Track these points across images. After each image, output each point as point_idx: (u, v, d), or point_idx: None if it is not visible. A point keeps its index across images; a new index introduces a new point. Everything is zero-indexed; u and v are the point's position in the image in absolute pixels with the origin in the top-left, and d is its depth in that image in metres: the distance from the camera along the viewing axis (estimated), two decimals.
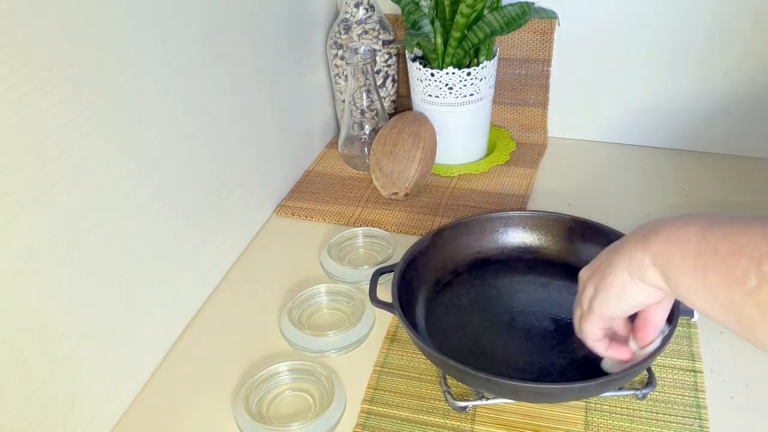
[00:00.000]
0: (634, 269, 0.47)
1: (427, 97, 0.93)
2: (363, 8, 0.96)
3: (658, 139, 1.00)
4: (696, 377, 0.64)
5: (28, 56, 0.49)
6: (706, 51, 0.91)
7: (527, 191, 0.93)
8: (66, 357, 0.56)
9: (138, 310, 0.65)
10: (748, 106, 0.93)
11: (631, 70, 0.96)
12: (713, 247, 0.40)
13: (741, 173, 0.94)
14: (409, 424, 0.62)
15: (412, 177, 0.88)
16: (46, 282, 0.53)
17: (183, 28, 0.67)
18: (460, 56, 0.89)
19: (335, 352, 0.69)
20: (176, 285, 0.72)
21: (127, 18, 0.59)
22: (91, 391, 0.60)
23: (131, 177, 0.62)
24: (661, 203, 0.89)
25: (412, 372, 0.67)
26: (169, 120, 0.67)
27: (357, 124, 0.97)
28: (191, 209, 0.73)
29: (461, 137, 0.97)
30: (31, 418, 0.53)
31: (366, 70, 0.92)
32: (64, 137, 0.53)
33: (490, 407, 0.62)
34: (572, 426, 0.60)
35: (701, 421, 0.60)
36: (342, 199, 0.93)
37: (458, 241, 0.76)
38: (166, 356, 0.70)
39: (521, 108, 1.03)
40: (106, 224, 0.59)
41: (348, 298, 0.75)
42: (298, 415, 0.63)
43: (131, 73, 0.60)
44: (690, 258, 0.42)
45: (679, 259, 0.43)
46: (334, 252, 0.81)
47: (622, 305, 0.50)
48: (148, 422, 0.64)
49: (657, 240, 0.45)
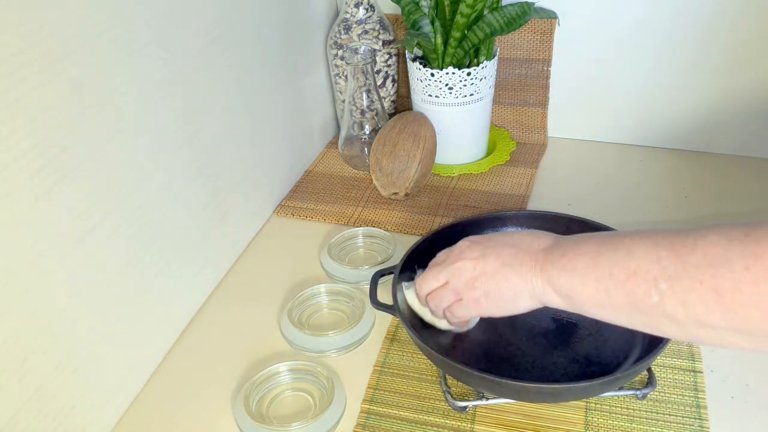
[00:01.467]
0: (536, 294, 0.54)
1: (427, 97, 0.93)
2: (363, 8, 0.96)
3: (658, 139, 1.00)
4: (696, 377, 0.64)
5: (29, 56, 0.49)
6: (706, 51, 0.91)
7: (527, 191, 0.93)
8: (66, 357, 0.56)
9: (138, 310, 0.65)
10: (748, 106, 0.93)
11: (631, 70, 0.96)
12: (608, 273, 0.48)
13: (741, 173, 0.94)
14: (409, 424, 0.62)
15: (412, 177, 0.88)
16: (46, 282, 0.53)
17: (183, 28, 0.67)
18: (460, 56, 0.89)
19: (335, 352, 0.69)
20: (176, 285, 0.72)
21: (126, 15, 0.59)
22: (91, 391, 0.60)
23: (131, 177, 0.62)
24: (661, 203, 0.89)
25: (412, 372, 0.67)
26: (169, 119, 0.67)
27: (357, 124, 0.97)
28: (191, 209, 0.73)
29: (461, 137, 0.96)
30: (31, 418, 0.53)
31: (366, 70, 0.92)
32: (63, 137, 0.53)
33: (490, 407, 0.62)
34: (572, 426, 0.60)
35: (701, 421, 0.60)
36: (342, 199, 0.93)
37: (457, 241, 0.76)
38: (166, 356, 0.70)
39: (521, 108, 1.03)
40: (106, 224, 0.59)
41: (348, 298, 0.75)
42: (298, 415, 0.63)
43: (131, 72, 0.60)
44: (590, 285, 0.49)
45: (580, 286, 0.50)
46: (334, 252, 0.81)
47: (512, 312, 0.57)
48: (148, 422, 0.64)
49: (554, 271, 0.52)
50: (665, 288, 0.44)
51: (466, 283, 0.58)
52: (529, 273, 0.54)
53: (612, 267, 0.48)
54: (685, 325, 0.44)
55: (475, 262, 0.58)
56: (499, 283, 0.56)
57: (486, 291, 0.57)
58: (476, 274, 0.57)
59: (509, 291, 0.55)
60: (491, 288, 0.56)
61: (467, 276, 0.58)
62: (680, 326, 0.45)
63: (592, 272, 0.49)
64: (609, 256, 0.48)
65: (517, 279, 0.55)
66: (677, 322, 0.45)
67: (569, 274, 0.51)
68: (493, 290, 0.56)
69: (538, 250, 0.55)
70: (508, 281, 0.55)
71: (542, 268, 0.53)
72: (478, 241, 0.60)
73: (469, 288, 0.58)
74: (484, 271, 0.57)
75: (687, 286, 0.43)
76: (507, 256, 0.56)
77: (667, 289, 0.44)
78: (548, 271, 0.53)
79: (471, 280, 0.58)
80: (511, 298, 0.56)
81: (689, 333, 0.45)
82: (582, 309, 0.52)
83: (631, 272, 0.46)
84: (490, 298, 0.57)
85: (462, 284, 0.58)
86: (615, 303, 0.48)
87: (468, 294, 0.58)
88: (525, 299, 0.55)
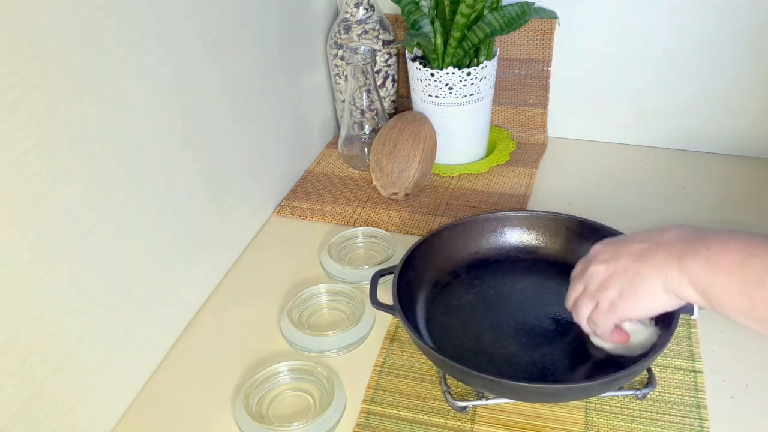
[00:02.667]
0: (670, 286, 0.50)
1: (427, 97, 0.93)
2: (363, 8, 0.96)
3: (658, 139, 1.00)
4: (696, 377, 0.64)
5: (28, 56, 0.49)
6: (707, 50, 0.91)
7: (527, 191, 0.93)
8: (66, 357, 0.56)
9: (138, 310, 0.65)
10: (748, 107, 0.93)
11: (631, 70, 0.96)
12: (758, 279, 0.44)
13: (741, 173, 0.94)
14: (409, 424, 0.62)
15: (412, 177, 0.88)
16: (46, 282, 0.53)
17: (183, 28, 0.67)
18: (460, 56, 0.89)
19: (335, 352, 0.69)
20: (176, 285, 0.72)
21: (127, 15, 0.59)
22: (91, 391, 0.60)
23: (131, 177, 0.62)
24: (661, 203, 0.89)
25: (412, 372, 0.67)
26: (169, 120, 0.67)
27: (357, 124, 0.97)
28: (191, 209, 0.73)
29: (461, 137, 0.96)
30: (31, 418, 0.53)
31: (366, 70, 0.92)
32: (63, 137, 0.53)
33: (490, 407, 0.62)
34: (572, 426, 0.60)
35: (701, 421, 0.60)
36: (342, 199, 0.93)
37: (457, 241, 0.76)
38: (165, 356, 0.70)
39: (521, 108, 1.03)
40: (106, 224, 0.59)
41: (348, 298, 0.74)
42: (298, 415, 0.63)
43: (131, 72, 0.60)
44: (735, 286, 0.45)
45: (721, 285, 0.46)
46: (334, 252, 0.81)
47: (649, 310, 0.54)
48: (148, 422, 0.64)
49: (695, 263, 0.48)
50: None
51: (600, 285, 0.55)
52: (663, 264, 0.51)
53: (765, 274, 0.44)
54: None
55: (607, 263, 0.55)
56: (633, 280, 0.53)
57: (620, 290, 0.54)
58: (608, 275, 0.55)
59: (643, 286, 0.52)
60: (625, 286, 0.53)
61: (600, 278, 0.55)
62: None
63: (738, 273, 0.45)
64: (764, 260, 0.44)
65: (650, 272, 0.51)
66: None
67: (711, 269, 0.47)
68: (627, 288, 0.53)
69: (676, 240, 0.51)
70: (641, 276, 0.52)
71: (679, 258, 0.49)
72: (610, 242, 0.58)
73: (603, 290, 0.55)
74: (616, 270, 0.54)
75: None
76: (639, 251, 0.53)
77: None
78: (687, 262, 0.49)
79: (604, 281, 0.55)
80: (647, 295, 0.52)
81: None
82: (720, 311, 0.48)
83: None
84: (625, 298, 0.53)
85: (596, 287, 0.56)
86: (760, 313, 0.44)
87: (603, 297, 0.55)
88: (660, 294, 0.51)
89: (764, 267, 0.44)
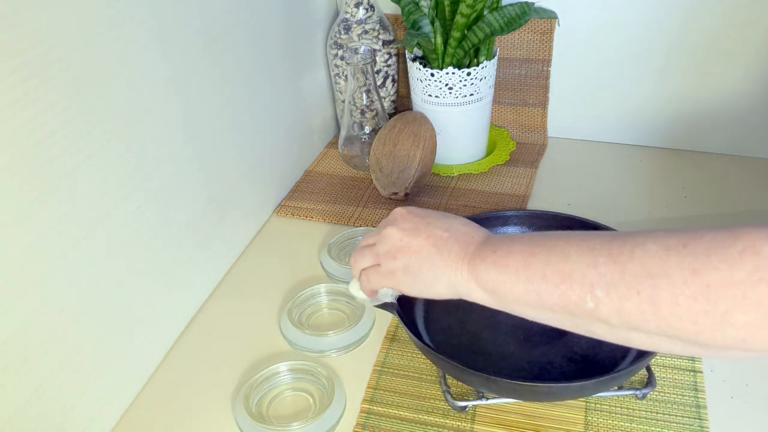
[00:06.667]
0: (455, 285, 0.53)
1: (427, 97, 0.93)
2: (363, 8, 0.97)
3: (658, 139, 1.00)
4: (696, 377, 0.64)
5: (28, 57, 0.49)
6: (706, 51, 0.91)
7: (527, 191, 0.93)
8: (66, 357, 0.56)
9: (138, 310, 0.65)
10: (748, 107, 0.93)
11: (630, 70, 0.96)
12: (541, 275, 0.47)
13: (741, 173, 0.94)
14: (409, 424, 0.62)
15: (412, 177, 0.88)
16: (46, 282, 0.53)
17: (183, 28, 0.67)
18: (460, 56, 0.89)
19: (335, 352, 0.69)
20: (176, 285, 0.72)
21: (127, 16, 0.59)
22: (91, 391, 0.60)
23: (131, 177, 0.62)
24: (661, 203, 0.89)
25: (412, 372, 0.67)
26: (169, 120, 0.67)
27: (357, 124, 0.97)
28: (191, 209, 0.73)
29: (461, 137, 0.97)
30: (31, 418, 0.53)
31: (366, 70, 0.92)
32: (63, 138, 0.53)
33: (490, 407, 0.62)
34: (572, 426, 0.60)
35: (701, 421, 0.60)
36: (342, 199, 0.93)
37: None
38: (165, 356, 0.70)
39: (521, 108, 1.04)
40: (105, 224, 0.59)
41: (348, 298, 0.75)
42: (298, 415, 0.63)
43: (131, 72, 0.60)
44: (521, 284, 0.49)
45: (509, 285, 0.50)
46: (334, 252, 0.81)
47: (422, 294, 0.56)
48: (148, 422, 0.64)
49: (482, 267, 0.51)
50: (602, 295, 0.44)
51: (388, 252, 0.56)
52: (455, 262, 0.53)
53: (546, 269, 0.47)
54: (618, 328, 0.45)
55: (404, 233, 0.56)
56: (422, 262, 0.54)
57: (405, 265, 0.55)
58: (401, 245, 0.56)
59: (429, 273, 0.54)
60: (412, 264, 0.55)
61: (392, 244, 0.56)
62: (612, 329, 0.45)
63: (523, 272, 0.49)
64: (543, 258, 0.48)
65: (442, 264, 0.54)
66: (610, 326, 0.45)
67: (499, 271, 0.50)
68: (413, 267, 0.55)
69: (471, 242, 0.54)
70: (431, 263, 0.54)
71: (470, 261, 0.52)
72: (415, 213, 0.58)
73: (389, 257, 0.56)
74: (410, 245, 0.55)
75: (624, 294, 0.43)
76: (438, 239, 0.55)
77: (604, 296, 0.44)
78: (476, 266, 0.52)
79: (394, 249, 0.56)
80: (429, 281, 0.54)
81: (621, 336, 0.46)
82: (508, 306, 0.51)
83: (566, 276, 0.46)
84: (408, 274, 0.55)
85: (384, 251, 0.57)
86: (546, 304, 0.48)
87: (387, 262, 0.57)
88: (443, 286, 0.54)
89: (545, 263, 0.47)
